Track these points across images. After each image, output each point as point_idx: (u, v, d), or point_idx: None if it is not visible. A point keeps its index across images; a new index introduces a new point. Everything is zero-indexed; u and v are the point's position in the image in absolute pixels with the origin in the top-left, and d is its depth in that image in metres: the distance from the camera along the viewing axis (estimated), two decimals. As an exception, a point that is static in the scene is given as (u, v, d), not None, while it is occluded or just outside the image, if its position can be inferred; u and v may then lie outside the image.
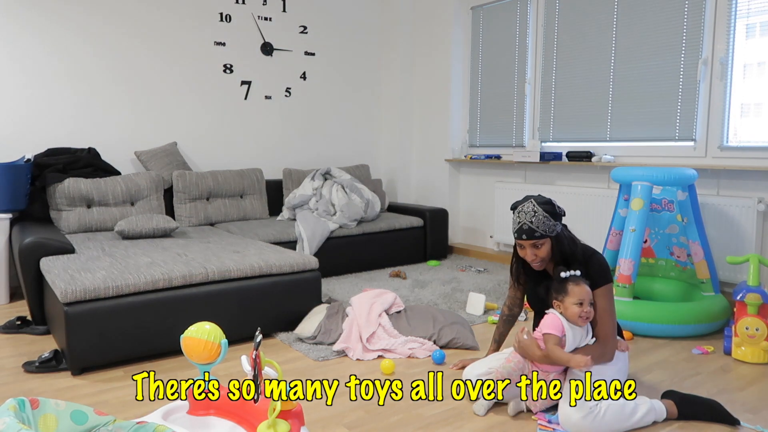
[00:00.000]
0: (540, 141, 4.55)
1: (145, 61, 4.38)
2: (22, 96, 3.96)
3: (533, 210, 2.10)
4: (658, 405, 2.05)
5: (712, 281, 3.16)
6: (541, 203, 2.11)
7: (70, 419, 1.48)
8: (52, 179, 3.78)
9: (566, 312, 2.05)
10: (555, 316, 2.06)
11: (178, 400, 1.76)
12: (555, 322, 2.05)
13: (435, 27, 5.23)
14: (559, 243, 2.13)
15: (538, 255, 2.13)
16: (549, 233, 2.09)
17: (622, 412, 1.96)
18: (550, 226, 2.09)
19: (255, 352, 1.52)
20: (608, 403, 1.97)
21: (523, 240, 2.12)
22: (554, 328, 2.04)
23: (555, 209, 2.12)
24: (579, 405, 1.94)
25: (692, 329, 2.94)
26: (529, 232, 2.09)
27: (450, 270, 4.49)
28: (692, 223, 3.14)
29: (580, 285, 2.05)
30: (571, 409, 1.94)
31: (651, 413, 2.02)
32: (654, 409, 2.03)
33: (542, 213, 2.09)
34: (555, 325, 2.04)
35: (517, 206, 2.17)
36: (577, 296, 2.03)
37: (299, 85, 5.15)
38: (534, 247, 2.12)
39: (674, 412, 2.08)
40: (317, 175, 4.72)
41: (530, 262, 2.15)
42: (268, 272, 2.98)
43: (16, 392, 2.34)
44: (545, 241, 2.11)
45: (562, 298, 2.05)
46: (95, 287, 2.50)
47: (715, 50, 3.48)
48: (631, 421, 1.98)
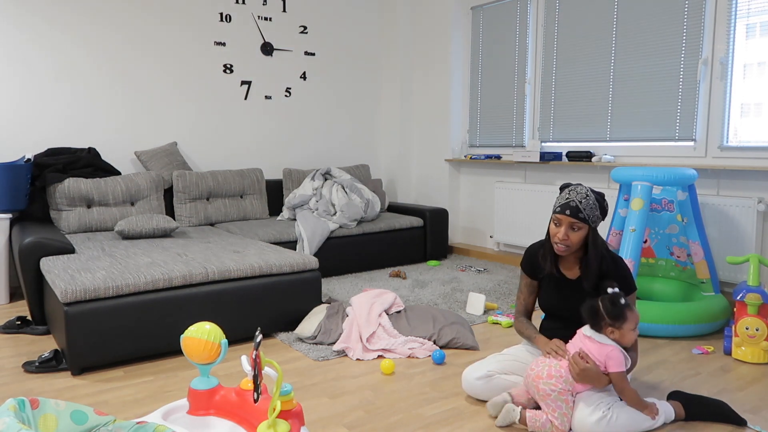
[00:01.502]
0: (540, 141, 4.55)
1: (146, 61, 4.38)
2: (23, 96, 3.96)
3: (586, 193, 2.07)
4: (666, 406, 2.05)
5: (712, 281, 3.16)
6: (595, 192, 2.10)
7: (70, 419, 1.48)
8: (52, 179, 3.78)
9: (623, 339, 1.98)
10: (616, 349, 1.96)
11: (178, 400, 1.76)
12: (620, 358, 1.95)
13: (435, 27, 5.23)
14: (594, 238, 2.09)
15: (570, 238, 2.06)
16: (590, 221, 2.06)
17: (634, 415, 1.96)
18: (595, 215, 2.06)
19: (255, 352, 1.52)
20: (620, 406, 1.96)
21: (565, 215, 2.04)
22: (622, 364, 1.96)
23: (604, 204, 2.09)
24: (592, 409, 1.93)
25: (692, 329, 2.94)
26: (574, 210, 2.04)
27: (450, 270, 4.49)
28: (692, 223, 3.14)
29: (633, 310, 1.99)
30: (585, 413, 1.93)
31: (661, 415, 2.02)
32: (663, 410, 2.03)
33: (593, 199, 2.06)
34: (621, 362, 1.96)
35: (569, 185, 2.14)
36: (635, 322, 1.98)
37: (299, 85, 5.15)
38: (571, 228, 2.06)
39: (682, 413, 2.08)
40: (317, 175, 4.72)
41: (559, 241, 2.07)
42: (268, 272, 2.98)
43: (16, 392, 2.34)
44: (584, 227, 2.06)
45: (620, 325, 1.97)
46: (95, 287, 2.50)
47: (715, 50, 3.48)
48: (644, 425, 1.98)
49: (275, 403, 1.53)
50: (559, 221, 2.08)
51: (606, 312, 1.97)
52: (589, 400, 1.96)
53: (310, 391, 2.36)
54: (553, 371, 2.00)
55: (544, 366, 2.03)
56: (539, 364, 2.05)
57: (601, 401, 1.95)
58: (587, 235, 2.08)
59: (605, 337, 1.99)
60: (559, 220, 2.08)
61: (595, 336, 2.00)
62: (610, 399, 1.98)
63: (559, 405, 1.98)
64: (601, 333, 2.00)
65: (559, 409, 1.98)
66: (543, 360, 2.06)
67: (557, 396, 1.98)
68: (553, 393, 1.98)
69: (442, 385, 2.41)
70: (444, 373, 2.53)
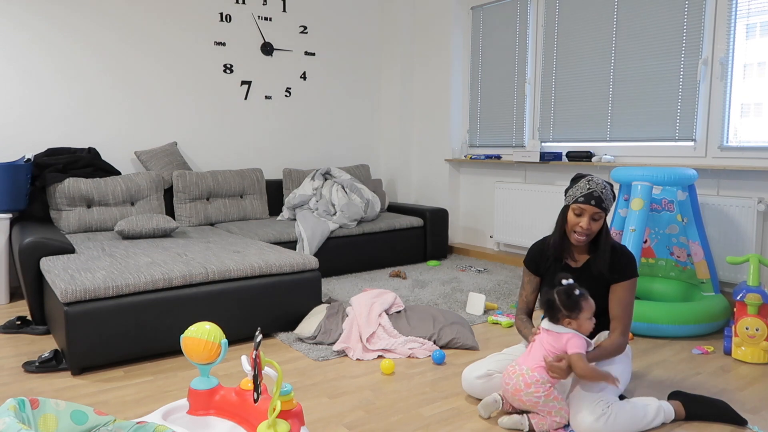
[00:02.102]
0: (540, 141, 4.55)
1: (146, 61, 4.38)
2: (23, 96, 3.96)
3: (604, 184, 2.13)
4: (666, 406, 2.05)
5: (712, 281, 3.16)
6: (606, 182, 2.16)
7: (70, 419, 1.48)
8: (52, 179, 3.78)
9: (581, 327, 2.01)
10: (575, 335, 2.00)
11: (178, 400, 1.76)
12: (578, 341, 1.99)
13: (435, 27, 5.23)
14: (606, 227, 2.15)
15: (592, 227, 2.10)
16: (607, 211, 2.13)
17: (634, 414, 1.96)
18: (610, 205, 2.13)
19: (255, 352, 1.52)
20: (620, 404, 1.96)
21: (590, 205, 2.08)
22: (582, 347, 1.99)
23: (613, 194, 2.16)
24: (591, 408, 1.93)
25: (692, 329, 2.94)
26: (598, 200, 2.09)
27: (450, 270, 4.49)
28: (692, 223, 3.14)
29: (588, 300, 2.02)
30: (584, 413, 1.93)
31: (660, 414, 2.02)
32: (663, 409, 2.03)
33: (610, 189, 2.14)
34: (581, 345, 1.99)
35: (584, 176, 2.17)
36: (590, 311, 2.01)
37: (299, 85, 5.15)
38: (592, 218, 2.10)
39: (682, 412, 2.08)
40: (317, 175, 4.73)
41: (581, 230, 2.10)
42: (268, 272, 2.98)
43: (16, 392, 2.34)
44: (603, 217, 2.13)
45: (576, 316, 2.00)
46: (95, 287, 2.50)
47: (715, 50, 3.48)
48: (643, 423, 1.98)
49: (275, 403, 1.53)
50: (583, 211, 2.11)
51: (562, 304, 2.00)
52: (588, 400, 1.96)
53: (310, 391, 2.36)
54: (528, 378, 1.99)
55: (516, 377, 2.02)
56: (511, 377, 2.04)
57: (600, 400, 1.95)
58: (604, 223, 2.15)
59: (562, 327, 2.02)
60: (582, 209, 2.11)
61: (552, 328, 2.04)
62: (608, 398, 1.98)
63: (552, 405, 1.99)
64: (558, 324, 2.03)
65: (555, 408, 1.99)
66: (512, 371, 2.05)
67: (545, 401, 1.99)
68: (540, 400, 1.99)
69: (442, 385, 2.41)
70: (444, 373, 2.53)
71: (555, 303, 2.01)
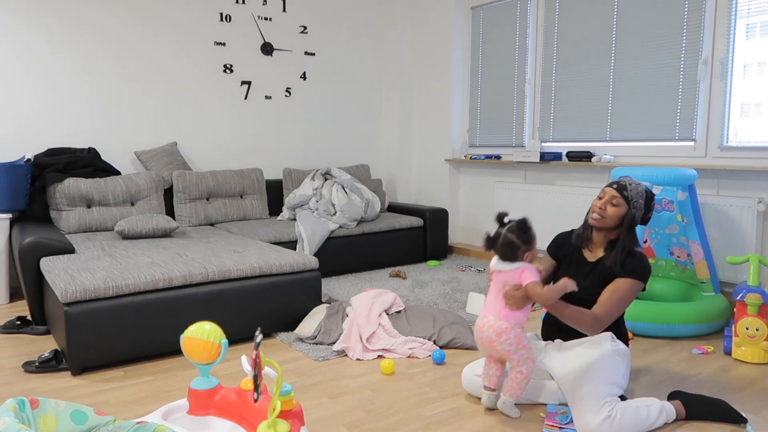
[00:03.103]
0: (540, 141, 4.55)
1: (145, 61, 4.38)
2: (23, 96, 3.96)
3: (638, 183, 2.21)
4: (668, 406, 2.06)
5: (712, 281, 3.16)
6: (648, 190, 2.22)
7: (70, 419, 1.48)
8: (52, 179, 3.78)
9: (533, 258, 2.11)
10: (528, 267, 2.09)
11: (178, 400, 1.76)
12: (532, 269, 2.08)
13: (435, 27, 5.23)
14: (629, 224, 2.16)
15: (608, 210, 2.15)
16: (631, 203, 2.15)
17: (638, 413, 1.97)
18: (638, 200, 2.17)
19: (255, 352, 1.52)
20: (623, 406, 1.97)
21: (611, 188, 2.18)
22: (536, 275, 2.07)
23: (650, 198, 2.21)
24: (597, 410, 1.93)
25: (692, 329, 2.94)
26: (621, 186, 2.17)
27: (450, 270, 4.49)
28: (692, 223, 3.14)
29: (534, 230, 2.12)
30: (589, 415, 1.93)
31: (663, 415, 2.03)
32: (665, 410, 2.04)
33: (642, 190, 2.20)
34: (533, 272, 2.08)
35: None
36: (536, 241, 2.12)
37: (299, 85, 5.15)
38: (611, 202, 2.16)
39: (683, 412, 2.08)
40: (317, 175, 4.73)
41: (597, 210, 2.17)
42: (268, 272, 2.98)
43: (16, 392, 2.34)
44: (623, 205, 2.16)
45: (533, 246, 2.09)
46: (95, 287, 2.50)
47: (715, 50, 3.48)
48: (646, 423, 1.98)
49: (275, 403, 1.53)
50: (603, 193, 2.21)
51: (522, 240, 2.07)
52: (592, 402, 1.96)
53: (310, 391, 2.36)
54: (497, 328, 2.06)
55: (487, 329, 2.08)
56: (482, 330, 2.11)
57: (605, 401, 1.95)
58: (623, 217, 2.16)
59: (510, 263, 2.09)
60: (603, 192, 2.21)
61: (503, 267, 2.10)
62: (613, 398, 1.98)
63: (520, 354, 2.06)
64: (516, 262, 2.08)
65: (522, 357, 2.06)
66: (481, 324, 2.11)
67: (516, 348, 2.05)
68: (512, 347, 2.05)
69: (442, 385, 2.41)
70: (444, 373, 2.53)
71: (514, 241, 2.07)
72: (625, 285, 2.10)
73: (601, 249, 2.23)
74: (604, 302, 2.09)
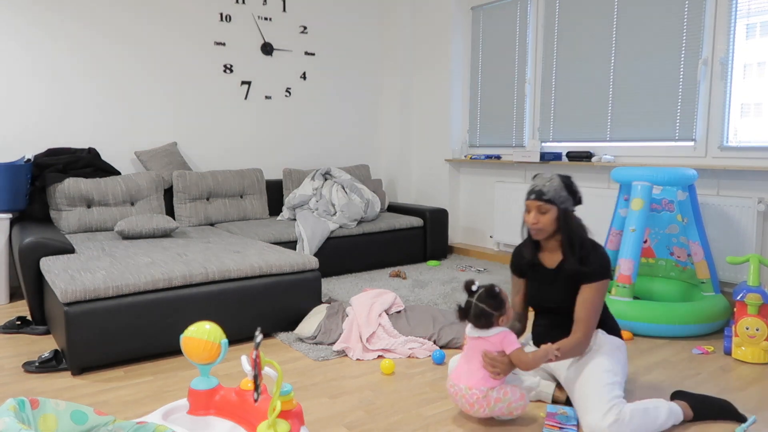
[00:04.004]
0: (540, 141, 4.55)
1: (145, 61, 4.38)
2: (23, 96, 3.96)
3: (551, 177, 2.12)
4: (675, 407, 2.03)
5: (712, 281, 3.16)
6: (562, 176, 2.13)
7: (70, 419, 1.48)
8: (52, 179, 3.78)
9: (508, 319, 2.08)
10: (507, 332, 2.06)
11: (178, 400, 1.76)
12: (512, 337, 2.05)
13: (435, 27, 5.23)
14: (566, 219, 2.10)
15: (541, 221, 2.10)
16: (557, 202, 2.08)
17: (646, 415, 1.94)
18: (561, 195, 2.09)
19: (255, 352, 1.52)
20: (632, 407, 1.94)
21: (531, 200, 2.11)
22: (514, 342, 2.04)
23: (572, 185, 2.12)
24: (604, 413, 1.91)
25: (692, 329, 2.94)
26: (538, 193, 2.10)
27: (450, 270, 4.49)
28: (692, 223, 3.14)
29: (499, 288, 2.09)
30: (597, 418, 1.91)
31: (672, 416, 2.00)
32: (673, 411, 2.01)
33: (558, 181, 2.10)
34: (514, 340, 2.05)
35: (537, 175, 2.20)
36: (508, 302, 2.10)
37: (299, 85, 5.15)
38: (539, 211, 2.10)
39: (690, 413, 2.06)
40: (317, 175, 4.73)
41: (531, 226, 2.13)
42: (268, 272, 2.98)
43: (16, 392, 2.34)
44: (551, 209, 2.09)
45: (505, 309, 2.06)
46: (95, 287, 2.50)
47: (715, 50, 3.48)
48: (655, 425, 1.96)
49: (275, 403, 1.53)
50: (528, 207, 2.14)
51: (492, 308, 2.03)
52: (598, 401, 1.94)
53: (310, 391, 2.36)
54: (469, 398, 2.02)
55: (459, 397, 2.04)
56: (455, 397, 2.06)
57: (612, 404, 1.92)
58: (558, 218, 2.10)
59: (486, 330, 2.05)
60: (528, 206, 2.14)
61: (481, 333, 2.05)
62: (620, 400, 1.96)
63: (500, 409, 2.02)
64: (492, 328, 2.04)
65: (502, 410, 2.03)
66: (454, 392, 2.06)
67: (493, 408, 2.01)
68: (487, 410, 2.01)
69: (442, 385, 2.41)
70: (444, 373, 2.53)
71: (486, 310, 2.03)
72: (591, 292, 2.07)
73: (557, 252, 2.19)
74: (580, 320, 2.07)
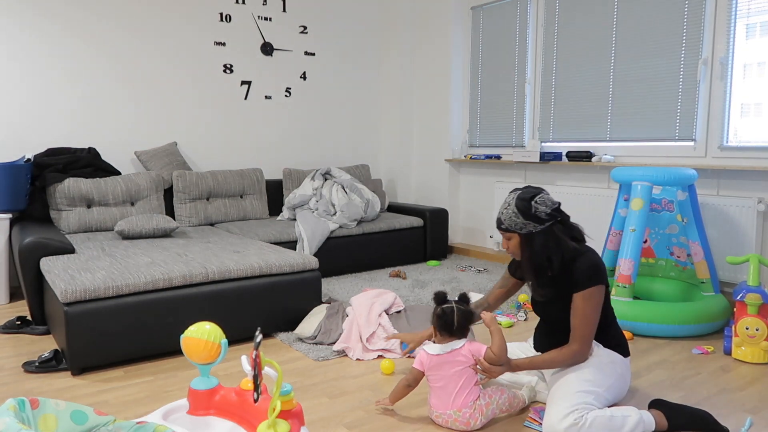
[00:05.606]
0: (540, 141, 4.55)
1: (146, 61, 4.38)
2: (23, 96, 3.96)
3: (508, 203, 2.07)
4: (647, 416, 1.94)
5: (712, 281, 3.16)
6: (520, 198, 2.03)
7: (70, 419, 1.48)
8: (52, 179, 3.78)
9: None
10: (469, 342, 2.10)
11: (178, 400, 1.76)
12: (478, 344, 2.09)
13: (435, 27, 5.22)
14: (529, 243, 2.05)
15: (510, 246, 2.11)
16: (515, 229, 2.05)
17: (611, 423, 1.85)
18: (517, 223, 2.03)
19: (255, 352, 1.52)
20: (596, 414, 1.86)
21: (499, 230, 2.13)
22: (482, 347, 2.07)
23: (530, 209, 2.00)
24: (562, 415, 1.85)
25: (692, 329, 2.94)
26: (498, 223, 2.11)
27: (450, 270, 4.49)
28: (692, 223, 3.14)
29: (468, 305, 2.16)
30: (556, 418, 1.86)
31: (640, 425, 1.90)
32: (643, 420, 1.91)
33: (513, 209, 2.04)
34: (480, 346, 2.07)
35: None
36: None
37: (299, 85, 5.15)
38: (507, 239, 2.11)
39: (664, 423, 1.96)
40: (317, 175, 4.73)
41: (509, 253, 2.14)
42: (268, 272, 2.98)
43: (16, 392, 2.34)
44: (512, 236, 2.08)
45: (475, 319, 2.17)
46: (95, 287, 2.50)
47: (715, 50, 3.48)
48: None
49: (275, 403, 1.53)
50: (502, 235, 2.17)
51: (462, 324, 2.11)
52: (564, 403, 1.89)
53: (310, 391, 2.36)
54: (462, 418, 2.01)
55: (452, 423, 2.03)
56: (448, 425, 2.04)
57: (574, 409, 1.87)
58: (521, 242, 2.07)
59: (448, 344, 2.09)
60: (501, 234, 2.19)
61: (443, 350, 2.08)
62: (586, 405, 1.89)
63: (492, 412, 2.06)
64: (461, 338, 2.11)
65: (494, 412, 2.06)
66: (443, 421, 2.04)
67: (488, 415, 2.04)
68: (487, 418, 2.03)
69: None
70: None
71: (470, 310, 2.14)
72: (582, 300, 2.00)
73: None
74: (573, 328, 2.02)
